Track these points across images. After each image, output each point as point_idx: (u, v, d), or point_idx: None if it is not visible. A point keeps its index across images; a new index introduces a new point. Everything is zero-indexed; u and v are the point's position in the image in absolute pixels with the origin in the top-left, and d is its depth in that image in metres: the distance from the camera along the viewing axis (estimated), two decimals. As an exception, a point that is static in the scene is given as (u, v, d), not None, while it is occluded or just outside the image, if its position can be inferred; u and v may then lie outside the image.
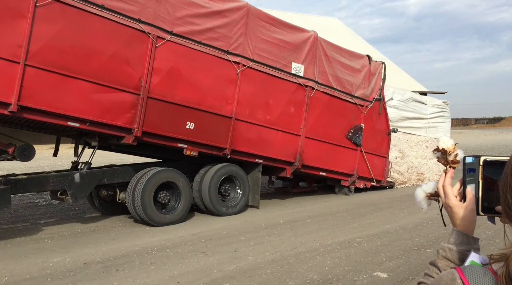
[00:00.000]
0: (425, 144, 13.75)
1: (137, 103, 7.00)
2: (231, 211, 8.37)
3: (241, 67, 8.23)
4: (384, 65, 11.05)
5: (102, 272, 5.11)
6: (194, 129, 7.66)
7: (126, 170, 7.69)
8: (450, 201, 1.29)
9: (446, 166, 1.35)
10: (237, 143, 8.29)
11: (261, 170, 8.80)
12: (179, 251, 5.98)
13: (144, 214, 7.19)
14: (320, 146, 9.68)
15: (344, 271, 5.22)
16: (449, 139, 1.36)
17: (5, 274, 5.02)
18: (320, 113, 9.62)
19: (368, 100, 10.59)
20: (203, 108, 7.76)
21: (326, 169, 9.91)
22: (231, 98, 8.16)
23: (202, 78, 7.76)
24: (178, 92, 7.46)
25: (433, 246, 6.35)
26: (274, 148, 8.88)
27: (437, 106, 14.22)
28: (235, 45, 8.13)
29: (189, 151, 7.71)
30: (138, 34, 6.98)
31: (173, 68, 7.42)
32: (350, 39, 27.75)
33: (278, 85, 8.86)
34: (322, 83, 9.58)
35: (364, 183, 10.81)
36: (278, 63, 8.79)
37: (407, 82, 26.07)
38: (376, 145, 10.94)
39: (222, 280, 4.88)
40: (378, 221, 8.09)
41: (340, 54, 10.09)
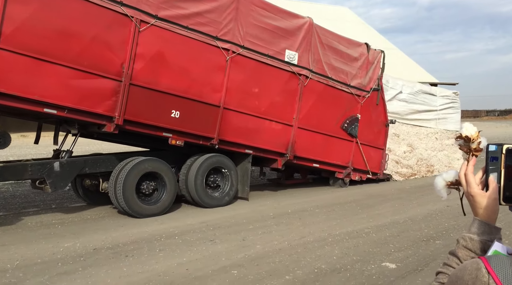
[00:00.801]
0: (435, 135, 13.49)
1: (119, 90, 6.71)
2: (218, 202, 8.10)
3: (231, 54, 7.90)
4: (383, 54, 10.68)
5: (111, 258, 5.18)
6: (180, 118, 7.37)
7: (109, 159, 7.43)
8: (472, 190, 1.25)
9: (468, 154, 1.31)
10: (226, 133, 8.00)
11: (251, 160, 8.51)
12: (188, 238, 6.03)
13: (125, 205, 6.96)
14: (314, 137, 9.39)
15: (353, 261, 5.22)
16: (473, 126, 1.31)
17: (16, 258, 5.10)
18: (314, 103, 9.30)
19: (365, 90, 10.25)
20: (190, 96, 7.46)
21: (319, 160, 9.62)
22: (219, 87, 7.84)
23: (189, 65, 7.46)
24: (163, 79, 7.16)
25: (442, 237, 6.33)
26: (264, 138, 8.59)
27: (447, 97, 13.87)
28: (224, 31, 7.79)
29: (174, 140, 7.43)
30: (121, 18, 6.66)
31: (158, 54, 7.11)
32: (361, 29, 27.29)
33: (270, 73, 8.52)
34: (317, 72, 9.24)
35: (360, 175, 10.52)
36: (270, 51, 8.45)
37: (417, 73, 25.56)
38: (373, 136, 10.63)
39: (230, 267, 4.91)
40: (386, 212, 8.06)
41: (337, 41, 9.73)
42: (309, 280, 4.59)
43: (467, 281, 1.00)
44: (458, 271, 1.06)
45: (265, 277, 4.65)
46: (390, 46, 28.31)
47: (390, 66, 21.92)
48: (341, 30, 22.77)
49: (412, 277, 4.74)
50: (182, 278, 4.56)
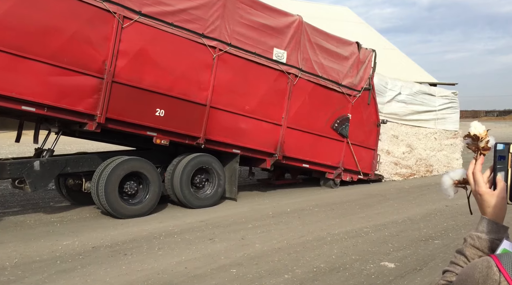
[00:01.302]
0: (434, 135, 13.50)
1: (101, 88, 6.56)
2: (205, 203, 7.94)
3: (218, 52, 7.75)
4: (375, 53, 10.53)
5: (110, 256, 5.17)
6: (165, 117, 7.22)
7: (92, 158, 7.28)
8: (480, 189, 1.24)
9: (476, 153, 1.30)
10: (213, 132, 7.85)
11: (238, 160, 8.38)
12: (187, 237, 6.03)
13: (107, 205, 6.81)
14: (303, 137, 9.24)
15: (351, 260, 5.22)
16: (481, 125, 1.30)
17: (15, 256, 5.10)
18: (304, 102, 9.15)
19: (356, 89, 10.11)
20: (175, 94, 7.31)
21: (309, 160, 9.47)
22: (206, 85, 7.69)
23: (174, 62, 7.31)
24: (147, 77, 7.02)
25: (441, 237, 6.33)
26: (253, 138, 8.44)
27: (446, 97, 13.85)
28: (211, 28, 7.66)
29: (159, 140, 7.28)
30: (102, 14, 6.52)
31: (142, 51, 6.96)
32: (361, 29, 27.27)
33: (258, 72, 8.38)
34: (306, 71, 9.10)
35: (351, 176, 10.38)
36: (258, 49, 8.30)
37: (417, 73, 25.54)
38: (364, 136, 10.49)
39: (230, 266, 4.91)
40: (386, 212, 8.07)
41: (327, 40, 9.58)
42: (308, 279, 4.59)
43: (478, 279, 1.00)
44: (468, 269, 1.05)
45: (264, 276, 4.65)
46: (390, 46, 28.31)
47: (389, 66, 21.93)
48: (341, 30, 22.74)
49: (411, 276, 4.73)
50: (181, 277, 4.56)
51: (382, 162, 11.95)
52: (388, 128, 12.24)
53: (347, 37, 10.59)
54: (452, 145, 13.85)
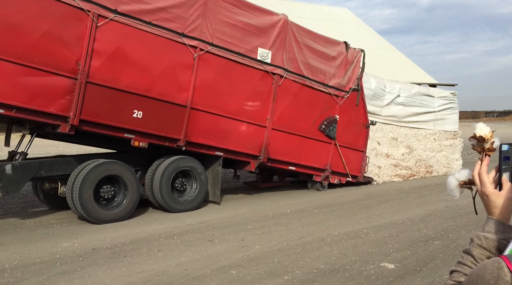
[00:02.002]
0: (433, 136, 13.50)
1: (74, 89, 6.33)
2: (186, 207, 7.71)
3: (199, 51, 7.53)
4: (363, 53, 10.30)
5: (110, 258, 5.17)
6: (143, 119, 7.00)
7: (68, 161, 7.03)
8: (487, 189, 1.26)
9: (481, 154, 1.31)
10: (194, 134, 7.62)
11: (221, 163, 8.17)
12: (187, 238, 6.03)
13: (82, 210, 6.58)
14: (289, 139, 9.02)
15: (351, 261, 5.22)
16: (486, 126, 1.32)
17: (15, 257, 5.10)
18: (290, 103, 8.94)
19: (344, 90, 9.89)
20: (153, 95, 7.09)
21: (295, 163, 9.24)
22: (186, 86, 7.46)
23: (153, 63, 7.09)
24: (124, 77, 6.80)
25: (441, 238, 6.33)
26: (236, 140, 8.22)
27: (445, 98, 13.85)
28: (191, 27, 7.44)
29: (137, 142, 7.06)
30: (76, 12, 6.30)
31: (118, 51, 6.74)
32: (360, 30, 27.29)
33: (242, 72, 8.16)
34: (292, 71, 8.89)
35: (339, 178, 10.17)
36: (241, 48, 8.09)
37: (417, 74, 25.53)
38: (352, 138, 10.27)
39: (229, 268, 4.91)
40: (385, 213, 8.07)
41: (314, 40, 9.36)
42: (308, 280, 4.58)
43: (489, 280, 1.00)
44: (479, 270, 1.05)
45: (264, 277, 4.64)
46: (390, 47, 28.32)
47: (389, 67, 21.96)
48: (340, 31, 22.76)
49: (411, 277, 4.72)
50: (181, 278, 4.55)
51: (381, 165, 11.95)
52: (387, 131, 12.23)
53: (346, 39, 10.52)
54: (451, 145, 13.85)
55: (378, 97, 11.93)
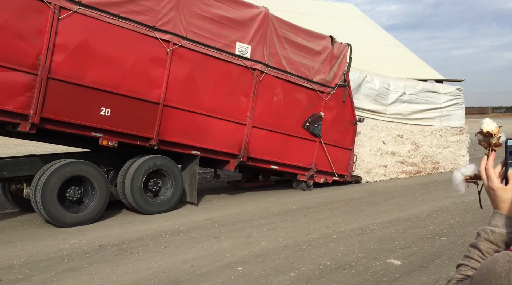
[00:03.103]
0: (439, 133, 13.43)
1: (34, 85, 5.98)
2: (160, 208, 7.38)
3: (172, 46, 7.17)
4: (350, 48, 9.90)
5: (117, 254, 5.21)
6: (111, 116, 6.65)
7: (33, 161, 6.68)
8: (493, 184, 1.27)
9: (487, 149, 1.33)
10: (167, 132, 7.28)
11: (198, 162, 7.83)
12: (193, 235, 6.06)
13: (45, 213, 6.23)
14: (271, 137, 8.66)
15: (357, 258, 5.21)
16: (493, 122, 1.33)
17: (23, 254, 5.14)
18: (271, 100, 8.59)
19: (329, 86, 9.51)
20: (122, 92, 6.74)
21: (278, 162, 8.88)
22: (159, 82, 7.11)
23: (121, 57, 6.74)
24: (90, 73, 6.45)
25: (448, 234, 6.32)
26: (214, 139, 7.86)
27: (450, 93, 13.74)
28: (164, 20, 7.09)
29: (106, 141, 6.71)
30: (35, 4, 5.95)
31: (83, 45, 6.38)
32: (366, 26, 27.16)
33: (219, 67, 7.81)
34: (274, 67, 8.52)
35: (325, 177, 9.80)
36: (218, 43, 7.73)
37: (423, 70, 25.37)
38: (339, 136, 9.90)
39: (235, 264, 4.93)
40: (392, 209, 8.08)
41: (296, 34, 8.98)
42: (314, 276, 4.58)
43: (500, 273, 1.00)
44: (489, 263, 1.05)
45: (270, 273, 4.65)
46: (396, 43, 28.16)
47: (395, 63, 21.84)
48: (346, 27, 22.65)
49: (418, 273, 4.71)
50: (187, 275, 4.57)
51: (388, 164, 11.89)
52: (392, 129, 12.17)
53: (352, 35, 10.45)
54: (458, 141, 13.78)
55: (382, 96, 11.88)
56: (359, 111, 11.40)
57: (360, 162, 11.22)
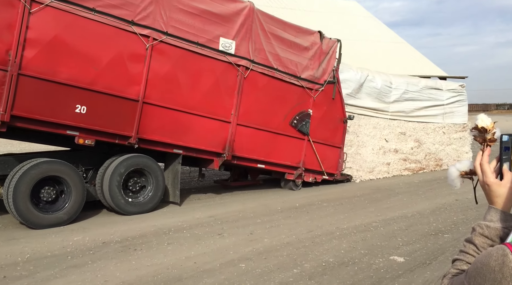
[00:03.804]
0: (442, 130, 13.41)
1: (4, 81, 5.77)
2: (141, 209, 7.13)
3: (151, 41, 6.94)
4: (340, 43, 9.62)
5: (120, 251, 5.22)
6: (87, 114, 6.42)
7: (7, 160, 6.46)
8: (488, 179, 1.27)
9: (482, 144, 1.33)
10: (148, 131, 7.04)
11: (181, 161, 7.60)
12: (196, 232, 6.07)
13: (17, 214, 6.01)
14: (257, 135, 8.41)
15: (360, 255, 5.22)
16: (488, 117, 1.34)
17: (27, 251, 5.15)
18: (257, 97, 8.34)
19: (318, 83, 9.25)
20: (99, 89, 6.51)
21: (264, 160, 8.63)
22: (138, 78, 6.87)
23: (98, 53, 6.51)
24: (64, 69, 6.21)
25: (451, 231, 6.34)
26: (196, 137, 7.61)
27: (453, 90, 13.73)
28: (142, 15, 6.85)
29: (82, 139, 6.48)
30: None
31: (56, 40, 6.14)
32: (369, 23, 27.07)
33: (202, 63, 7.55)
34: (259, 63, 8.27)
35: (314, 176, 9.56)
36: (201, 38, 7.48)
37: (426, 67, 25.28)
38: (328, 133, 9.64)
39: (238, 261, 4.94)
40: (394, 206, 8.09)
41: (284, 29, 8.73)
42: (317, 273, 4.59)
43: (494, 267, 1.01)
44: (483, 257, 1.05)
45: (273, 270, 4.65)
46: (399, 40, 28.06)
47: (398, 60, 21.79)
48: (349, 24, 22.60)
49: (421, 270, 4.71)
50: (190, 271, 4.58)
51: (390, 161, 11.88)
52: (394, 126, 12.16)
53: (355, 32, 10.37)
54: (461, 138, 13.76)
55: (384, 94, 11.87)
56: (361, 110, 11.39)
57: (362, 162, 11.22)
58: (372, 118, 11.63)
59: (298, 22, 9.95)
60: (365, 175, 11.20)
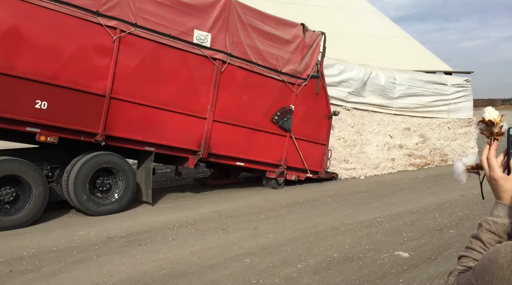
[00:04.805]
0: (447, 125, 13.34)
1: None
2: (109, 209, 6.79)
3: (119, 33, 6.59)
4: (324, 36, 9.23)
5: (125, 246, 5.24)
6: (48, 110, 6.08)
7: None
8: (495, 174, 1.24)
9: (489, 138, 1.30)
10: (116, 127, 6.70)
11: (153, 159, 7.29)
12: (200, 227, 6.08)
13: None
14: (235, 131, 8.06)
15: (365, 250, 5.20)
16: (495, 110, 1.31)
17: (32, 246, 5.17)
18: (235, 92, 7.99)
19: (301, 77, 8.89)
20: (61, 83, 6.16)
21: (243, 158, 8.29)
22: (104, 72, 6.52)
23: (59, 45, 6.15)
24: (21, 62, 5.87)
25: (456, 226, 6.32)
26: (169, 134, 7.27)
27: (458, 85, 13.65)
28: (109, 5, 6.50)
29: (43, 137, 6.16)
30: None
31: (12, 31, 5.80)
32: (374, 18, 26.90)
33: (175, 57, 7.21)
34: (237, 56, 7.91)
35: (297, 174, 9.20)
36: (173, 30, 7.13)
37: (432, 62, 25.09)
38: (312, 130, 9.26)
39: (243, 256, 4.94)
40: (399, 201, 8.07)
41: (263, 21, 8.35)
42: (322, 268, 4.58)
43: (502, 265, 0.99)
44: (491, 254, 1.03)
45: (277, 265, 4.66)
46: (404, 35, 27.86)
47: (403, 56, 21.62)
48: (353, 19, 22.45)
49: (425, 266, 4.69)
50: (195, 266, 4.59)
51: (395, 157, 11.83)
52: (399, 122, 12.10)
53: (359, 27, 10.20)
54: (466, 133, 13.69)
55: (389, 90, 11.81)
56: (365, 106, 11.34)
57: (366, 160, 11.18)
58: (376, 114, 11.58)
59: (302, 17, 9.83)
60: (369, 171, 11.16)
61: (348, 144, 10.87)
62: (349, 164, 10.87)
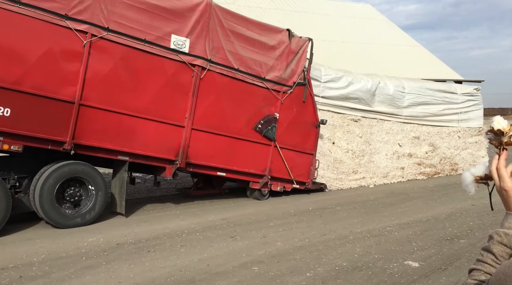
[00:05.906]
0: (457, 134, 13.21)
1: None
2: (79, 221, 6.47)
3: (89, 37, 6.35)
4: (312, 42, 8.95)
5: (134, 253, 5.25)
6: (12, 117, 5.81)
7: None
8: (506, 184, 1.21)
9: (499, 148, 1.28)
10: (86, 136, 6.43)
11: (127, 169, 7.00)
12: (209, 235, 6.09)
13: None
14: (216, 140, 7.77)
15: (374, 259, 5.16)
16: (504, 120, 1.30)
17: (42, 252, 5.21)
18: (216, 99, 7.71)
19: (286, 84, 8.60)
20: (26, 89, 5.90)
21: (225, 168, 7.96)
22: (73, 78, 6.27)
23: (24, 50, 5.93)
24: None
25: (467, 236, 6.26)
26: (144, 142, 6.99)
27: (468, 94, 13.55)
28: (78, 8, 6.26)
29: (6, 145, 5.88)
30: None
31: None
32: (383, 26, 26.91)
33: (150, 63, 6.96)
34: (218, 63, 7.64)
35: (282, 185, 8.84)
36: (149, 35, 6.89)
37: (442, 71, 25.00)
38: (298, 139, 8.93)
39: (251, 264, 4.93)
40: (409, 210, 7.99)
41: (246, 27, 8.08)
42: (330, 277, 4.56)
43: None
44: (506, 268, 1.00)
45: (285, 273, 4.64)
46: (414, 43, 27.81)
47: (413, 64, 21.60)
48: (363, 28, 22.48)
49: (436, 276, 4.64)
50: (203, 274, 4.59)
51: (405, 166, 11.73)
52: (408, 131, 11.99)
53: (368, 35, 10.09)
54: (477, 142, 13.55)
55: (398, 99, 11.76)
56: (374, 114, 11.30)
57: (376, 169, 11.09)
58: (385, 123, 11.51)
59: (311, 26, 9.80)
60: (379, 179, 11.09)
61: (356, 154, 10.79)
62: (358, 174, 10.81)
